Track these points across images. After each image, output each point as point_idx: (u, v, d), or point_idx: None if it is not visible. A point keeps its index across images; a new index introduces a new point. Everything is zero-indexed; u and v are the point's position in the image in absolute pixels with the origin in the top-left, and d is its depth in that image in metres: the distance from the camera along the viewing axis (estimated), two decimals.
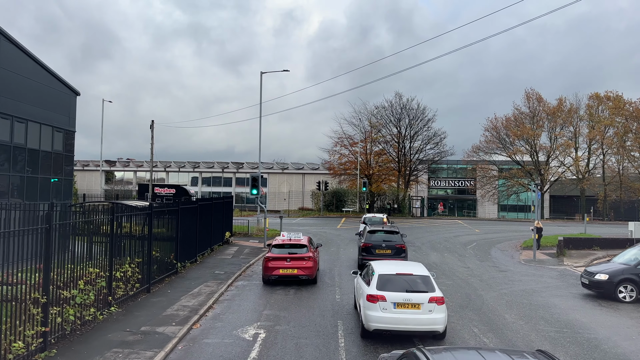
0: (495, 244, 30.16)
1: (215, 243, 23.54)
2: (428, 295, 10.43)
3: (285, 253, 16.08)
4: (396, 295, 10.42)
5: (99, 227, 11.53)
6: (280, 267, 15.80)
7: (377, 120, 57.41)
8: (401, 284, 10.67)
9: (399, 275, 10.91)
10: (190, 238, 18.91)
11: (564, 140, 55.11)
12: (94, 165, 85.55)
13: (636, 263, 15.62)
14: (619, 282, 15.27)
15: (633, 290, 15.13)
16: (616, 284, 15.27)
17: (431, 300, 10.34)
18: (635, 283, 15.14)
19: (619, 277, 15.32)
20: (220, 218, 24.51)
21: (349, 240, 30.08)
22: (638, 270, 15.31)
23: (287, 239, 17.24)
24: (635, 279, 15.19)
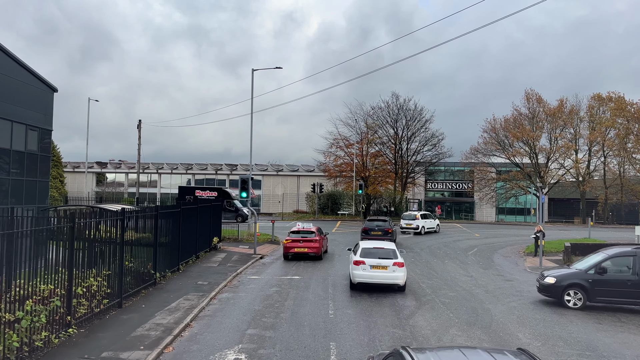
0: (497, 250, 28.81)
1: (201, 249, 22.07)
2: (392, 260, 15.87)
3: (299, 237, 22.55)
4: (372, 261, 15.85)
5: (57, 235, 10.07)
6: (295, 247, 22.21)
7: (373, 121, 56.09)
8: (376, 254, 16.20)
9: (375, 249, 16.60)
10: (171, 245, 17.44)
11: (565, 142, 53.90)
12: (86, 167, 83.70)
13: (588, 267, 14.78)
14: (566, 287, 14.60)
15: (580, 295, 14.41)
16: (563, 289, 14.63)
17: (394, 264, 15.79)
18: (583, 289, 14.37)
19: (566, 282, 14.65)
20: (207, 222, 23.03)
21: (346, 247, 28.64)
22: (588, 276, 14.45)
23: (301, 227, 23.51)
24: (583, 284, 14.40)
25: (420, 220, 37.50)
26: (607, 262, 14.57)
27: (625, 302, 14.23)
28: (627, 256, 14.37)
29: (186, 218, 19.29)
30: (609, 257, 14.73)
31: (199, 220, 21.53)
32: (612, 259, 14.59)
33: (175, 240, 17.77)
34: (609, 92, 54.32)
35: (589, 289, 14.33)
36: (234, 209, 46.15)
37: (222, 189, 50.96)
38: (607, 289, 14.17)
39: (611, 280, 14.21)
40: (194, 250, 20.65)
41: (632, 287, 13.89)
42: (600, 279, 14.29)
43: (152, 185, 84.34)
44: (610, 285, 14.17)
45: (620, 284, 14.08)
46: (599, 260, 14.77)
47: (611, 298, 14.22)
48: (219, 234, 25.59)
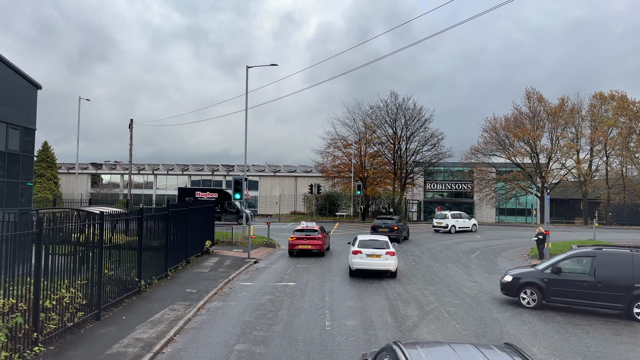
0: (501, 252, 27.85)
1: (192, 254, 21.04)
2: (385, 250, 18.47)
3: (303, 235, 24.09)
4: (367, 250, 18.44)
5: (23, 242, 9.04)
6: (300, 244, 23.73)
7: (371, 121, 55.04)
8: (371, 245, 18.78)
9: (371, 240, 19.23)
10: (159, 250, 16.42)
11: (566, 142, 52.96)
12: (80, 168, 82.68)
13: (545, 267, 14.64)
14: (521, 285, 14.56)
15: (535, 295, 14.31)
16: (519, 288, 14.59)
17: (387, 253, 18.36)
18: (539, 288, 14.25)
19: (522, 281, 14.60)
20: (198, 225, 22.01)
21: (344, 250, 27.62)
22: (544, 275, 14.31)
23: (305, 226, 25.22)
24: (539, 283, 14.30)
25: (450, 220, 39.74)
26: (565, 262, 14.37)
27: (580, 303, 13.93)
28: (586, 257, 14.10)
29: (175, 221, 18.28)
30: (567, 257, 14.59)
31: (190, 223, 20.50)
32: (571, 259, 14.40)
33: (163, 245, 16.75)
34: (611, 91, 53.55)
35: (545, 288, 14.20)
36: (235, 210, 45.21)
37: (222, 190, 49.91)
38: (562, 289, 13.98)
39: (567, 280, 13.98)
40: (184, 255, 19.62)
41: (588, 289, 13.62)
42: (556, 279, 14.09)
43: (147, 186, 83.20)
44: (565, 285, 13.95)
45: (576, 284, 13.83)
46: (557, 260, 14.63)
47: (566, 298, 14.02)
48: (211, 237, 24.56)
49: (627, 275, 13.27)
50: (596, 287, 13.49)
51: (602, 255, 13.86)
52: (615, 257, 13.76)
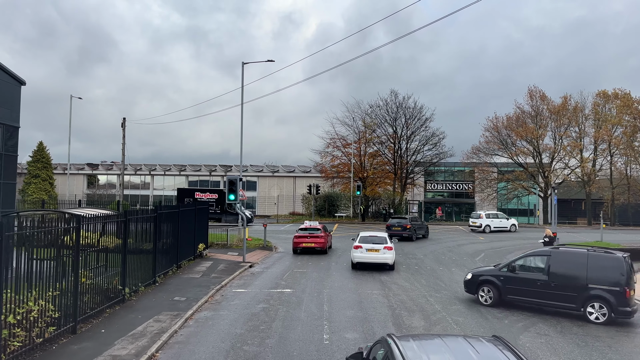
0: (506, 255, 26.82)
1: (184, 258, 20.01)
2: (383, 245, 20.16)
3: (307, 233, 25.16)
4: (367, 245, 20.17)
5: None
6: (304, 242, 24.75)
7: (371, 120, 54.00)
8: (371, 240, 20.47)
9: (371, 236, 20.91)
10: (146, 255, 15.39)
11: (570, 141, 51.92)
12: (76, 168, 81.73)
13: (503, 265, 14.99)
14: (480, 283, 14.83)
15: (491, 293, 14.50)
16: (477, 285, 14.87)
17: (384, 248, 20.05)
18: (494, 285, 14.45)
19: (480, 278, 14.87)
20: (191, 228, 20.98)
21: (343, 252, 26.58)
22: (501, 273, 14.56)
23: (308, 225, 26.47)
24: (494, 281, 14.51)
25: (484, 219, 40.61)
26: (521, 261, 14.51)
27: (534, 302, 13.96)
28: (542, 256, 14.15)
29: (165, 224, 17.26)
30: (524, 255, 14.81)
31: (182, 226, 19.48)
32: (528, 258, 14.51)
33: (150, 250, 15.72)
34: (614, 89, 52.55)
35: (501, 286, 14.37)
36: (235, 211, 44.18)
37: (223, 191, 48.85)
38: (517, 288, 14.09)
39: (522, 278, 14.08)
40: (174, 260, 18.59)
41: (541, 287, 13.67)
42: (512, 277, 14.26)
43: (144, 187, 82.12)
44: (520, 283, 14.06)
45: (530, 283, 13.89)
46: (514, 259, 14.96)
47: (520, 297, 14.10)
48: (205, 240, 23.53)
49: (581, 275, 13.15)
50: (549, 287, 13.51)
51: (557, 254, 13.82)
52: (570, 256, 13.66)
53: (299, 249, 24.90)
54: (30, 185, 66.39)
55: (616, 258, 12.97)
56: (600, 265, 13.02)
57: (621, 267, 12.72)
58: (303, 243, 24.70)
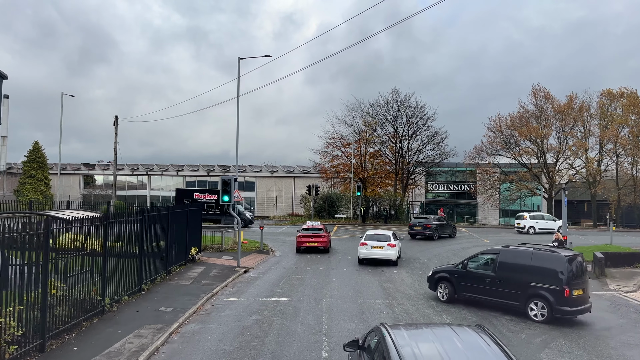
0: None
1: (175, 263, 18.86)
2: (386, 242, 21.84)
3: (310, 233, 25.74)
4: (372, 242, 21.93)
5: None
6: (307, 241, 25.37)
7: (372, 119, 52.85)
8: (376, 237, 22.28)
9: (376, 234, 22.73)
10: (129, 262, 14.22)
11: (576, 141, 50.73)
12: (72, 168, 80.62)
13: (458, 263, 15.43)
14: (437, 279, 15.41)
15: (447, 289, 15.05)
16: (435, 282, 15.46)
17: (388, 245, 21.73)
18: (450, 282, 15.00)
19: (437, 275, 15.48)
20: (182, 231, 19.84)
21: (344, 256, 25.41)
22: (455, 270, 15.05)
23: (310, 225, 27.26)
24: (450, 277, 15.06)
25: (528, 221, 40.44)
26: (474, 259, 14.97)
27: (482, 299, 14.29)
28: (492, 254, 14.63)
29: (153, 227, 16.11)
30: (478, 253, 15.31)
31: (172, 229, 18.34)
32: (480, 256, 14.99)
33: (134, 256, 14.56)
34: (620, 88, 51.39)
35: (455, 283, 14.86)
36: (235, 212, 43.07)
37: None
38: (469, 284, 14.53)
39: (473, 275, 14.50)
40: (163, 265, 17.44)
41: (490, 285, 14.03)
42: (465, 274, 14.69)
43: (141, 187, 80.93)
44: (472, 280, 14.48)
45: (480, 280, 14.30)
46: (469, 257, 15.47)
47: (472, 294, 14.51)
48: (198, 244, 22.39)
49: (524, 273, 13.36)
50: (497, 284, 13.83)
51: (505, 253, 14.15)
52: (516, 255, 13.88)
53: (303, 247, 25.54)
54: (25, 185, 65.26)
55: (558, 257, 13.00)
56: (543, 264, 13.17)
57: (562, 266, 12.75)
58: (307, 242, 25.45)
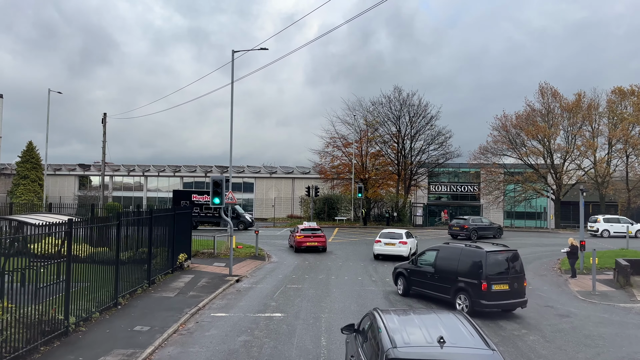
0: (526, 265, 23.78)
1: (160, 271, 17.19)
2: (398, 240, 24.28)
3: (310, 233, 26.42)
4: (385, 240, 24.58)
5: None
6: (307, 241, 26.03)
7: (373, 118, 51.10)
8: (389, 235, 24.94)
9: (389, 232, 25.49)
10: (102, 273, 12.54)
11: (585, 140, 48.96)
12: (67, 169, 79.04)
13: (414, 259, 16.34)
14: (397, 275, 16.52)
15: (402, 285, 16.09)
16: (395, 277, 16.63)
17: (399, 242, 24.12)
18: (405, 277, 16.01)
19: (396, 271, 16.62)
20: (169, 236, 18.17)
21: (346, 261, 23.72)
22: (408, 266, 16.13)
23: (307, 226, 28.03)
24: (404, 273, 16.06)
25: (601, 224, 39.52)
26: (422, 255, 15.91)
27: (426, 293, 15.18)
28: (434, 250, 15.56)
29: (133, 232, 14.45)
30: (425, 250, 16.25)
31: (157, 234, 16.69)
32: (426, 252, 15.86)
33: (107, 266, 12.87)
34: (631, 85, 49.67)
35: (408, 278, 15.90)
36: (235, 214, 41.65)
37: None
38: (417, 279, 15.56)
39: (420, 271, 15.49)
40: (146, 275, 15.76)
41: (431, 279, 14.98)
42: (414, 270, 15.74)
43: (138, 188, 79.33)
44: (419, 275, 15.46)
45: (424, 275, 15.26)
46: (419, 253, 16.68)
47: (419, 288, 15.48)
48: (187, 249, 20.69)
49: (454, 268, 14.20)
50: (434, 278, 14.84)
51: (443, 249, 15.25)
52: (450, 251, 14.92)
53: (304, 247, 26.26)
54: (19, 186, 63.70)
55: (479, 253, 13.71)
56: (467, 259, 13.92)
57: (482, 261, 13.37)
58: (307, 242, 26.29)
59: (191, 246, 21.53)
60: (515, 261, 13.98)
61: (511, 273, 13.62)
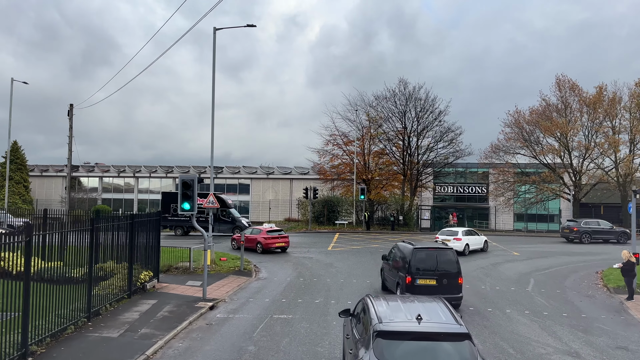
0: (564, 281, 20.13)
1: (110, 298, 13.33)
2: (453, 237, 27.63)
3: (277, 235, 28.08)
4: (443, 237, 27.87)
5: None
6: (276, 242, 27.50)
7: (376, 114, 47.19)
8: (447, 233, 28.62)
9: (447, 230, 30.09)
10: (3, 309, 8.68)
11: (607, 137, 45.01)
12: (54, 170, 75.41)
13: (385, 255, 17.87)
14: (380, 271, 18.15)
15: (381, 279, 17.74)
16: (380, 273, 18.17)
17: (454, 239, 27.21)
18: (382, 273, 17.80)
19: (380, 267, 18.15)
20: (125, 251, 14.32)
21: (348, 278, 19.83)
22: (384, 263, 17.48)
23: (272, 227, 30.12)
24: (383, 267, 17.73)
25: None
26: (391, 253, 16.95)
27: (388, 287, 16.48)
28: (394, 248, 16.83)
29: (60, 245, 10.60)
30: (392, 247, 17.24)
31: (104, 249, 12.85)
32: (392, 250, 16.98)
33: (16, 296, 9.00)
34: None
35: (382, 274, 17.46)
36: (230, 219, 38.04)
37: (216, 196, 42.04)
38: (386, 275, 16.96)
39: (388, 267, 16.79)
40: (84, 304, 11.89)
41: (390, 275, 16.30)
42: (385, 266, 17.27)
43: (128, 190, 75.57)
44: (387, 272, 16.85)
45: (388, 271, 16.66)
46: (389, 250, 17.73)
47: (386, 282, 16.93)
48: (155, 265, 16.83)
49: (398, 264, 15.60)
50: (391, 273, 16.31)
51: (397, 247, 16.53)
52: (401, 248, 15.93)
53: (273, 248, 26.99)
54: (2, 188, 60.12)
55: (408, 249, 14.98)
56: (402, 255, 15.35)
57: (408, 257, 14.62)
58: (276, 243, 27.18)
59: (160, 261, 17.65)
60: (446, 258, 14.62)
61: (439, 270, 14.33)
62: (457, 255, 14.93)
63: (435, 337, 6.68)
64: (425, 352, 6.51)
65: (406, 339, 6.61)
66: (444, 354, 6.48)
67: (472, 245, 28.40)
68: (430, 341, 6.64)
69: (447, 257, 14.60)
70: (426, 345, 6.59)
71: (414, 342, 6.60)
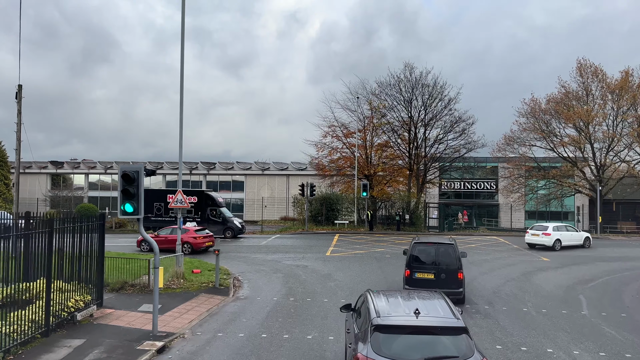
0: (620, 297, 16.06)
1: (3, 346, 9.19)
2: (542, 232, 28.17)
3: (203, 234, 26.79)
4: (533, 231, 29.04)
5: None
6: (205, 242, 26.36)
7: (380, 102, 42.88)
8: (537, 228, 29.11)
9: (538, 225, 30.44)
10: None
11: (636, 127, 40.74)
12: (38, 167, 71.28)
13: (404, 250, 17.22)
14: None
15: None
16: None
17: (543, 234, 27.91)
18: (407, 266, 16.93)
19: None
20: (44, 270, 10.19)
21: (348, 300, 15.70)
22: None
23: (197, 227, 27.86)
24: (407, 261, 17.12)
25: None
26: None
27: None
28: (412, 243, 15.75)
29: None
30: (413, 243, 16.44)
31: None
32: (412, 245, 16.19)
33: None
34: None
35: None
36: (221, 219, 34.83)
37: (203, 193, 37.86)
38: None
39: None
40: None
41: None
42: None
43: (116, 188, 71.13)
44: None
45: None
46: None
47: None
48: (98, 285, 12.68)
49: None
50: None
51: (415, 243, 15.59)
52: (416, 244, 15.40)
53: (203, 248, 26.10)
54: None
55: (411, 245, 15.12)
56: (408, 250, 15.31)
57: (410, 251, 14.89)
58: (206, 243, 26.40)
59: (103, 278, 13.48)
60: (446, 253, 14.48)
61: (439, 264, 14.30)
62: (458, 251, 14.54)
63: (433, 331, 6.69)
64: (423, 345, 6.52)
65: (404, 333, 6.69)
66: (442, 347, 6.50)
67: (566, 241, 28.17)
68: (428, 335, 6.65)
69: (446, 252, 14.51)
70: (423, 339, 6.62)
71: (412, 335, 6.65)
